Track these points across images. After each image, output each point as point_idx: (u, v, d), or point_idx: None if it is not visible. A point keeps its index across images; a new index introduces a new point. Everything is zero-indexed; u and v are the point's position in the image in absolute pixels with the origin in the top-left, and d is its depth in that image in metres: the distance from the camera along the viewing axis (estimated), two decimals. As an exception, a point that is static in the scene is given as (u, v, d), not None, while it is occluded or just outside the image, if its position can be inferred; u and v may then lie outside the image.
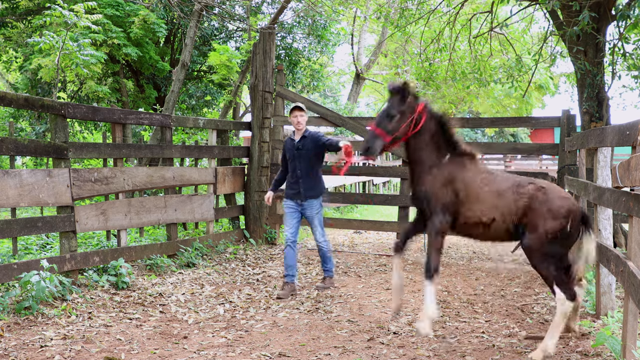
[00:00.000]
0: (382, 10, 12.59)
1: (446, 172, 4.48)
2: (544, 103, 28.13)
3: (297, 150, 6.38)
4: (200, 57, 15.74)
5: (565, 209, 4.32)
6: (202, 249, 7.90)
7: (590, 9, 6.74)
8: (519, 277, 7.29)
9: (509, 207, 4.37)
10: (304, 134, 6.43)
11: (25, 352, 4.34)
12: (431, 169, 4.51)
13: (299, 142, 6.41)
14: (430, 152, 4.53)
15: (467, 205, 4.44)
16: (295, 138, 6.47)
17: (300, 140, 6.41)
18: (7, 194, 5.37)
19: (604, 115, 7.51)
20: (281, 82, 9.54)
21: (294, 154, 6.41)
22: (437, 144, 4.56)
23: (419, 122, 4.49)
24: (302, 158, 6.37)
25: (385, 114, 4.47)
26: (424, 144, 4.54)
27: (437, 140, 4.57)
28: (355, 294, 6.41)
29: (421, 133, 4.53)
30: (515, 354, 4.49)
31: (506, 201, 4.38)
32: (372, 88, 28.39)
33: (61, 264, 5.85)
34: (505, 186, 4.45)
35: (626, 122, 4.00)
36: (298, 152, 6.38)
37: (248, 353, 4.53)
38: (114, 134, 7.18)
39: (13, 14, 14.89)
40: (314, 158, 6.39)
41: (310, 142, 6.38)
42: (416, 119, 4.48)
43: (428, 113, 4.57)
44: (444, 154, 4.55)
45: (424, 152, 4.54)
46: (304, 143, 6.39)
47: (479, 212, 4.43)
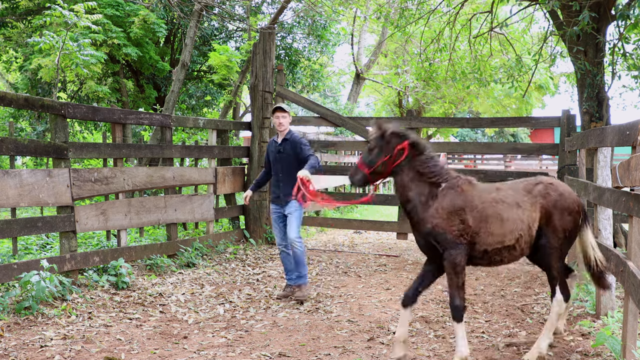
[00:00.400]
0: (382, 10, 12.59)
1: (447, 200, 4.14)
2: (544, 103, 28.12)
3: (278, 153, 6.21)
4: (200, 57, 15.74)
5: (577, 203, 4.30)
6: (202, 249, 7.90)
7: (590, 9, 6.74)
8: (519, 277, 7.29)
9: (531, 216, 4.18)
10: (286, 136, 6.22)
11: (25, 352, 4.34)
12: (427, 203, 4.18)
13: (280, 144, 6.22)
14: (421, 188, 4.21)
15: (486, 229, 4.10)
16: (278, 140, 6.27)
17: (282, 143, 6.22)
18: (7, 194, 5.37)
19: (604, 115, 7.51)
20: (281, 82, 9.54)
21: (276, 156, 6.24)
22: (427, 178, 4.23)
23: (398, 157, 4.25)
24: (283, 161, 6.18)
25: (367, 148, 4.40)
26: (410, 180, 4.24)
27: (426, 174, 4.24)
28: (355, 294, 6.41)
29: (404, 170, 4.26)
30: (515, 354, 4.49)
31: (527, 211, 4.17)
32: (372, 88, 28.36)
33: (61, 264, 5.85)
34: (518, 196, 4.23)
35: (626, 122, 4.01)
36: (280, 155, 6.20)
37: (248, 353, 4.53)
38: (114, 134, 7.18)
39: (13, 14, 14.89)
40: (296, 162, 6.11)
41: (290, 146, 6.18)
42: (395, 154, 4.24)
43: (411, 150, 4.27)
44: (437, 185, 4.22)
45: (413, 190, 4.23)
46: (285, 146, 6.20)
47: (501, 233, 4.11)
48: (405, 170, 4.28)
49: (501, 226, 4.11)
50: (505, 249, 4.15)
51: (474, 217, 4.09)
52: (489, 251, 4.14)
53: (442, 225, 4.10)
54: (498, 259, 4.19)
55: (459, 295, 4.11)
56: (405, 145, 4.26)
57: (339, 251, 9.04)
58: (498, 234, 4.10)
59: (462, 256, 4.09)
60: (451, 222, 4.09)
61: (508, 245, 4.13)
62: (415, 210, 4.21)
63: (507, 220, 4.12)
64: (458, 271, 4.08)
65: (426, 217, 4.17)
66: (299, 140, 6.19)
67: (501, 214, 4.12)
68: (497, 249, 4.13)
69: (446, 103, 22.08)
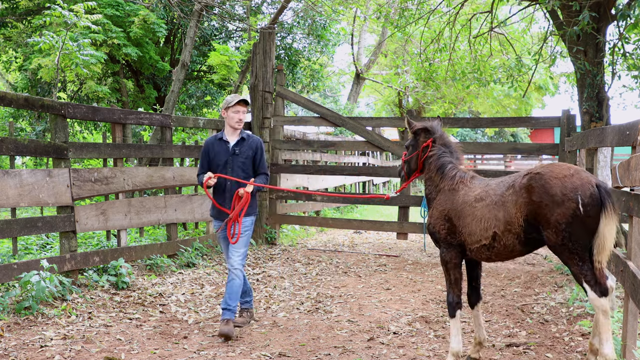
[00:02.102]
0: (382, 11, 12.59)
1: (441, 201, 4.26)
2: (543, 103, 28.14)
3: (232, 155, 5.17)
4: (200, 57, 15.74)
5: (568, 188, 3.65)
6: (202, 249, 7.90)
7: (590, 9, 6.74)
8: (519, 277, 7.29)
9: (509, 213, 3.85)
10: (243, 135, 5.25)
11: (25, 352, 4.34)
12: (431, 202, 4.41)
13: (235, 145, 5.20)
14: (432, 186, 4.41)
15: (467, 229, 4.07)
16: (230, 139, 5.23)
17: (237, 144, 5.21)
18: (7, 194, 5.37)
19: (604, 115, 7.51)
20: (281, 82, 9.54)
21: (228, 159, 5.17)
22: (438, 175, 4.36)
23: (424, 154, 4.47)
24: (235, 165, 5.16)
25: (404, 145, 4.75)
26: (428, 177, 4.45)
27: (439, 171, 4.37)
28: (355, 294, 6.40)
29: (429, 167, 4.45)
30: (515, 354, 4.49)
31: (506, 208, 3.88)
32: (372, 88, 28.37)
33: (61, 264, 5.85)
34: (500, 191, 3.96)
35: (626, 122, 4.01)
36: (233, 158, 5.16)
37: (248, 353, 4.53)
38: (114, 134, 7.19)
39: (13, 14, 14.89)
40: (250, 169, 5.22)
41: (248, 147, 5.21)
42: (422, 151, 4.48)
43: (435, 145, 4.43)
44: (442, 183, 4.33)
45: (427, 187, 4.47)
46: (241, 148, 5.20)
47: (479, 233, 4.00)
48: (428, 167, 4.46)
49: (476, 226, 4.02)
50: (484, 248, 4.03)
51: (457, 217, 4.13)
52: (474, 250, 4.10)
53: (434, 225, 4.27)
54: (485, 255, 4.10)
55: (452, 291, 4.22)
56: (430, 143, 4.40)
57: (339, 251, 9.04)
58: (476, 232, 4.03)
59: (452, 254, 4.19)
60: (439, 224, 4.23)
61: (486, 244, 4.01)
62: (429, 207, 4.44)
63: (480, 219, 4.00)
64: (449, 268, 4.21)
65: (430, 215, 4.37)
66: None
67: (476, 213, 4.02)
68: (478, 248, 4.06)
69: (446, 103, 22.09)
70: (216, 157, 5.20)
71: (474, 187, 4.19)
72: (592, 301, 3.70)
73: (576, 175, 3.71)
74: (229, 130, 5.23)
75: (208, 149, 5.25)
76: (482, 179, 4.30)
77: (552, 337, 4.86)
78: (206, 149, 5.27)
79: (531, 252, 4.11)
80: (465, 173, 4.31)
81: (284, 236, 10.01)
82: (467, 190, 4.18)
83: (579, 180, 3.68)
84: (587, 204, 3.62)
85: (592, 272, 3.70)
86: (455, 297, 4.21)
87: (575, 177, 3.70)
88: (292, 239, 9.98)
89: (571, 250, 3.70)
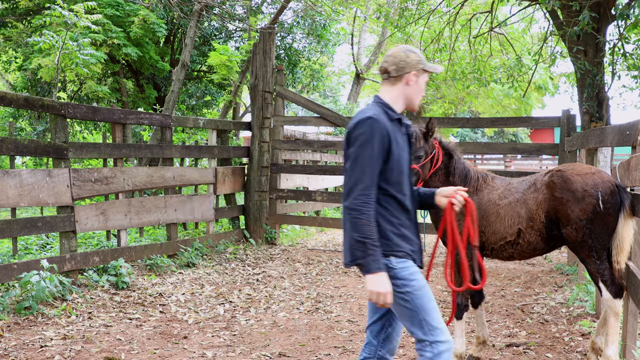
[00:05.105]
0: (382, 11, 12.60)
1: None
2: (543, 103, 28.14)
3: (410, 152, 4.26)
4: (200, 57, 15.74)
5: (590, 185, 3.72)
6: (202, 249, 7.90)
7: (590, 9, 6.74)
8: (519, 277, 7.29)
9: (531, 210, 3.94)
10: None
11: (25, 352, 4.34)
12: None
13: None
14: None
15: (490, 228, 4.09)
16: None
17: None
18: (7, 194, 5.37)
19: (604, 115, 7.51)
20: (281, 82, 9.54)
21: (409, 158, 3.99)
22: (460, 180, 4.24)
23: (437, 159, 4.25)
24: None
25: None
26: (438, 181, 4.26)
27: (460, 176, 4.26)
28: (355, 294, 6.40)
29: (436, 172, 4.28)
30: (515, 354, 4.49)
31: (528, 205, 3.97)
32: (372, 88, 28.36)
33: (61, 264, 5.85)
34: (522, 189, 4.05)
35: (626, 122, 4.01)
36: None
37: (248, 353, 4.53)
38: (114, 134, 7.18)
39: (13, 14, 14.89)
40: None
41: None
42: (434, 156, 4.24)
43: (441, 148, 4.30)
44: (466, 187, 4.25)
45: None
46: None
47: (503, 230, 4.04)
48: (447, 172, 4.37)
49: (500, 224, 4.09)
50: (508, 245, 4.11)
51: (480, 216, 4.09)
52: (496, 248, 4.16)
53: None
54: (506, 255, 4.17)
55: (462, 294, 4.22)
56: (438, 147, 4.30)
57: (339, 251, 9.04)
58: (499, 230, 4.09)
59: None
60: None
61: (510, 241, 4.09)
62: None
63: (504, 217, 4.08)
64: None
65: None
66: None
67: (500, 211, 4.11)
68: (502, 245, 4.13)
69: (446, 103, 22.10)
70: (401, 154, 2.79)
71: (497, 186, 4.25)
72: (606, 301, 3.73)
73: (597, 174, 3.82)
74: (399, 108, 2.89)
75: (389, 135, 2.70)
76: (503, 178, 4.34)
77: (552, 337, 4.86)
78: (383, 132, 2.68)
79: (552, 251, 4.15)
80: (486, 173, 4.36)
81: (284, 236, 10.01)
82: (490, 189, 4.22)
83: (600, 178, 3.78)
84: (607, 201, 3.69)
85: (609, 272, 3.75)
86: (464, 300, 4.25)
87: (596, 175, 3.80)
88: (292, 239, 9.98)
89: (590, 247, 3.74)
